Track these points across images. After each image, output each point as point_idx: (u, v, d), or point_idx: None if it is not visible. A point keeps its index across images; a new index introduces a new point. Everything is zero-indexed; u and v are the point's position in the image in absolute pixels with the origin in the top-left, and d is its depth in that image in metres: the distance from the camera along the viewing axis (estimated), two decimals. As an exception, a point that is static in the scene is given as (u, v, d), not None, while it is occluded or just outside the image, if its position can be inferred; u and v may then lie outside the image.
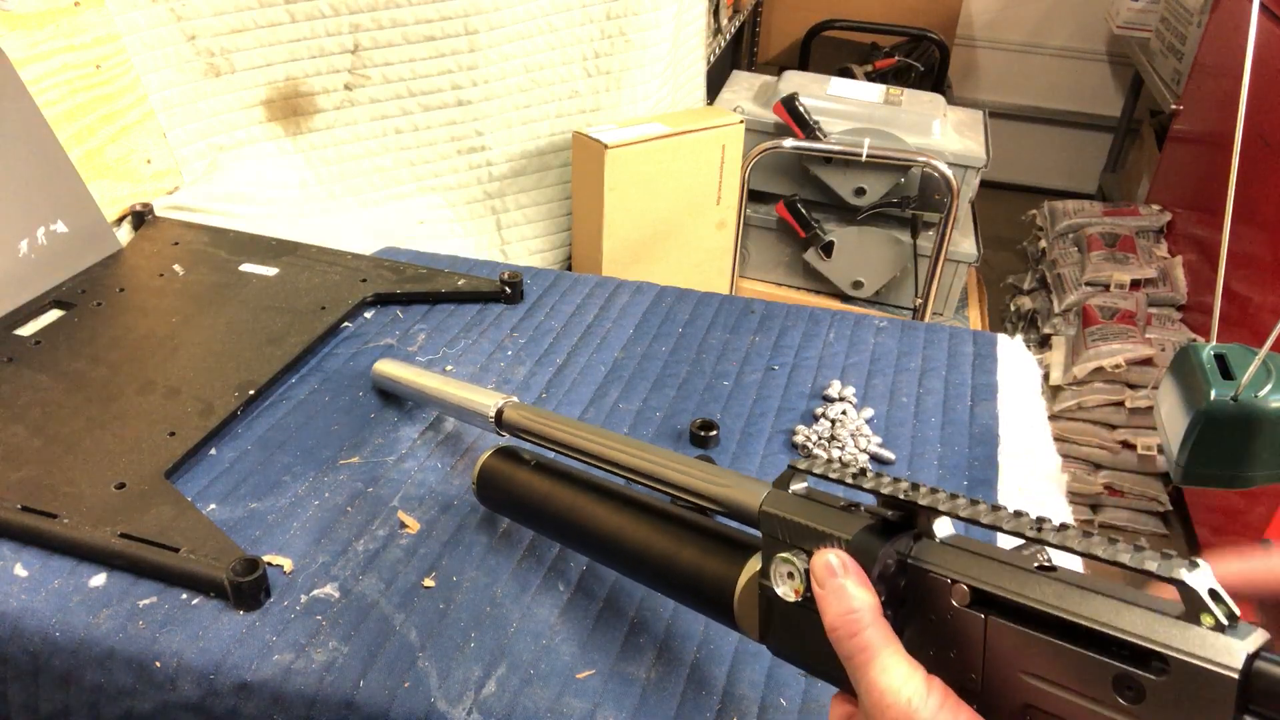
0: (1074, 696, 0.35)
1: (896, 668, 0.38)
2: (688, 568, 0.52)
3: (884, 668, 0.38)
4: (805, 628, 0.43)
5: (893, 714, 0.37)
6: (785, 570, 0.44)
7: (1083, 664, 0.34)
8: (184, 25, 1.12)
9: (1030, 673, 0.36)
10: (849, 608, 0.40)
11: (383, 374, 0.82)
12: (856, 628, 0.39)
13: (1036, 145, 3.27)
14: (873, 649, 0.38)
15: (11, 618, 0.60)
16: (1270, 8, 1.84)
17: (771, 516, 0.45)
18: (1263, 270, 1.74)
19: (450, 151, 1.42)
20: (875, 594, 0.40)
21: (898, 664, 0.38)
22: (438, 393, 0.75)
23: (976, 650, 0.38)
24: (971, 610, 0.38)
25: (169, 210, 1.10)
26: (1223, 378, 0.82)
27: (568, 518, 0.61)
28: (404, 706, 0.55)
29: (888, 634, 0.39)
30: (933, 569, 0.39)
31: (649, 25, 1.51)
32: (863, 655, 0.39)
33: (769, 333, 0.95)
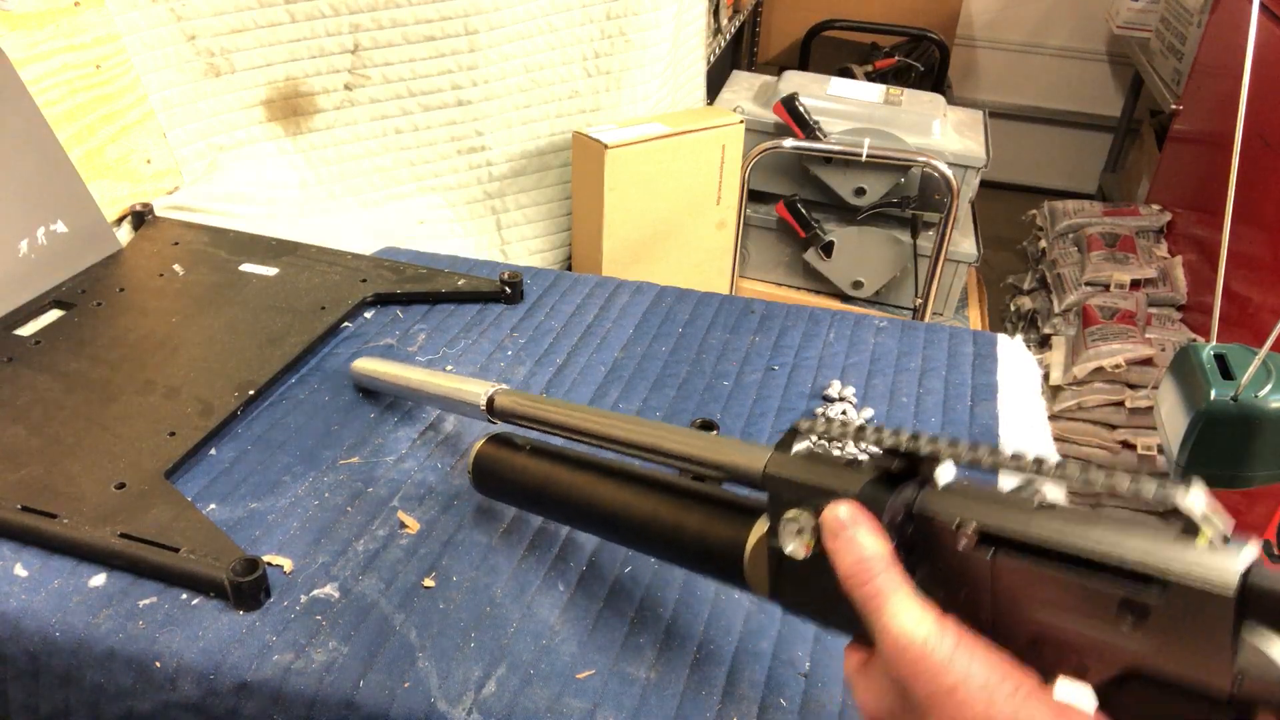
0: (1081, 624, 0.36)
1: (910, 611, 0.39)
2: (696, 535, 0.53)
3: (898, 611, 0.39)
4: (815, 582, 0.44)
5: (910, 655, 0.38)
6: (794, 528, 0.44)
7: (1088, 592, 0.36)
8: (184, 25, 1.12)
9: (1038, 605, 0.37)
10: (861, 556, 0.41)
11: (363, 371, 0.81)
12: (869, 575, 0.40)
13: (1036, 145, 3.27)
14: (886, 594, 0.39)
15: (11, 618, 0.60)
16: (1270, 8, 1.84)
17: (776, 477, 0.46)
18: (1263, 270, 1.74)
19: (450, 151, 1.42)
20: (887, 542, 0.41)
21: (911, 607, 0.39)
22: (424, 385, 0.75)
23: (985, 589, 0.39)
24: (978, 550, 0.39)
25: (169, 210, 1.10)
26: (1223, 378, 0.82)
27: (571, 497, 0.61)
28: (404, 706, 0.55)
29: (901, 579, 0.40)
30: (938, 514, 0.40)
31: (649, 25, 1.51)
32: (876, 600, 0.40)
33: (769, 333, 0.95)
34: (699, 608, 0.64)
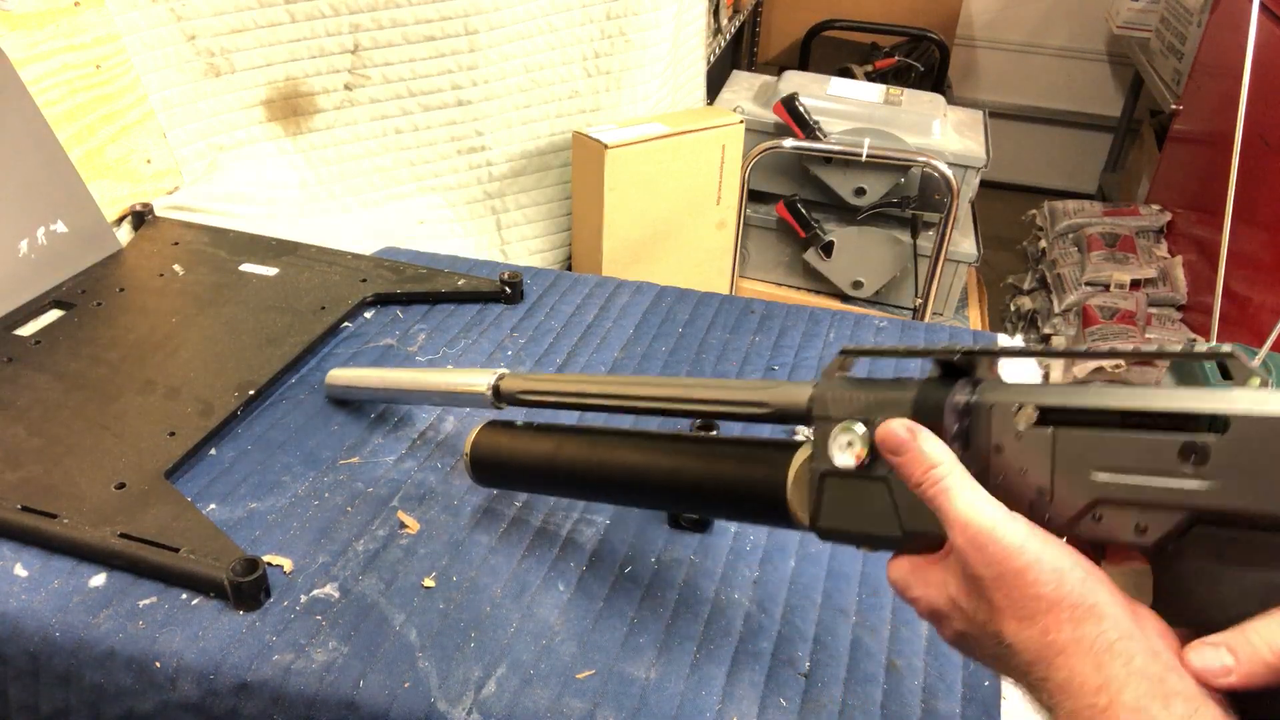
0: (1143, 478, 0.38)
1: (982, 501, 0.41)
2: (731, 478, 0.54)
3: (971, 501, 0.41)
4: (864, 496, 0.46)
5: (982, 540, 0.40)
6: (845, 440, 0.46)
7: (1149, 446, 0.38)
8: (184, 25, 1.12)
9: (1098, 471, 0.40)
10: (928, 464, 0.43)
11: (339, 383, 0.79)
12: (939, 477, 0.43)
13: (1036, 145, 3.26)
14: (957, 489, 0.42)
15: (11, 618, 0.60)
16: (1270, 8, 1.84)
17: (825, 399, 0.48)
18: (1263, 270, 1.74)
19: (450, 151, 1.42)
20: (948, 446, 0.43)
21: (983, 498, 0.42)
22: (415, 384, 0.74)
23: (1045, 464, 0.41)
24: (1038, 429, 0.41)
25: (169, 210, 1.10)
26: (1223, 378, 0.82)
27: (585, 467, 0.61)
28: (404, 706, 0.55)
29: (966, 475, 0.43)
30: (997, 401, 0.43)
31: (649, 25, 1.51)
32: (947, 495, 0.42)
33: (769, 333, 0.95)
34: (699, 608, 0.63)
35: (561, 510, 0.71)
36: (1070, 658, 0.38)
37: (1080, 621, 0.38)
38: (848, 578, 0.67)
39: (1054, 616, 0.38)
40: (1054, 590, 0.39)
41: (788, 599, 0.65)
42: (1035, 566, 0.39)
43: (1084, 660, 0.37)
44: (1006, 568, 0.40)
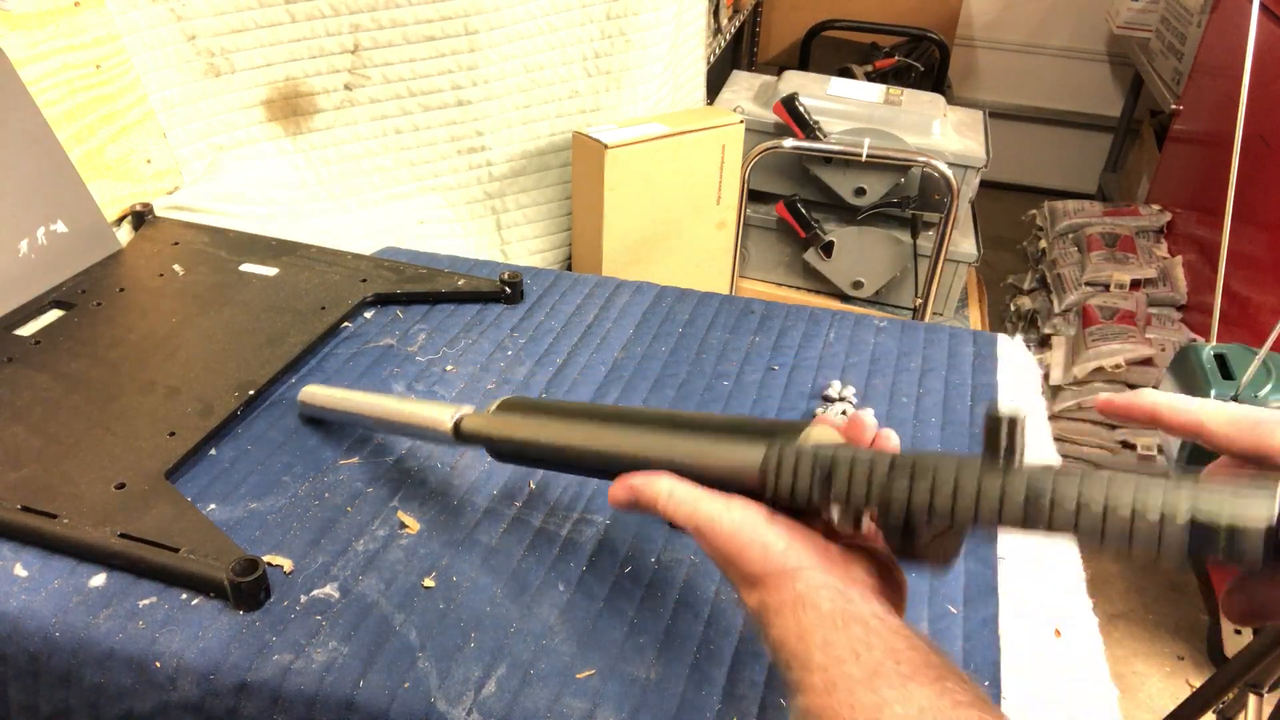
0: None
1: (702, 501, 0.50)
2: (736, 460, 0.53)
3: (691, 502, 0.50)
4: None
5: (705, 531, 0.49)
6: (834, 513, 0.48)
7: None
8: (184, 25, 1.12)
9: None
10: (654, 492, 0.51)
11: (312, 402, 0.78)
12: (665, 496, 0.51)
13: (1036, 145, 3.27)
14: (679, 496, 0.51)
15: (11, 618, 0.60)
16: (1270, 8, 1.84)
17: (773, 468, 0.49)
18: (1263, 270, 1.74)
19: (450, 151, 1.42)
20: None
21: (701, 497, 0.50)
22: (380, 411, 0.72)
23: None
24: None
25: (169, 210, 1.10)
26: (1223, 378, 0.82)
27: (596, 446, 0.59)
28: (404, 706, 0.55)
29: (684, 483, 0.51)
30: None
31: (649, 25, 1.51)
32: (674, 506, 0.51)
33: (769, 333, 0.95)
34: (699, 608, 0.64)
35: (562, 510, 0.71)
36: (778, 616, 0.45)
37: (782, 586, 0.45)
38: (848, 578, 0.67)
39: (765, 584, 0.46)
40: (761, 564, 0.46)
41: (788, 599, 0.64)
42: (748, 546, 0.47)
43: (786, 617, 0.44)
44: (727, 550, 0.48)
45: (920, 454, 0.45)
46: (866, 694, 0.40)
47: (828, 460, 0.47)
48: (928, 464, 0.44)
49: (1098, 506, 0.38)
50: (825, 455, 0.47)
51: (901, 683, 0.40)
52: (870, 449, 0.49)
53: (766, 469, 0.49)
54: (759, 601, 0.46)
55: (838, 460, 0.46)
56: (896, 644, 0.42)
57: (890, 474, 0.44)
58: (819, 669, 0.41)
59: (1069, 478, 0.40)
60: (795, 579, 0.45)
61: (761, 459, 0.49)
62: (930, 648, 0.42)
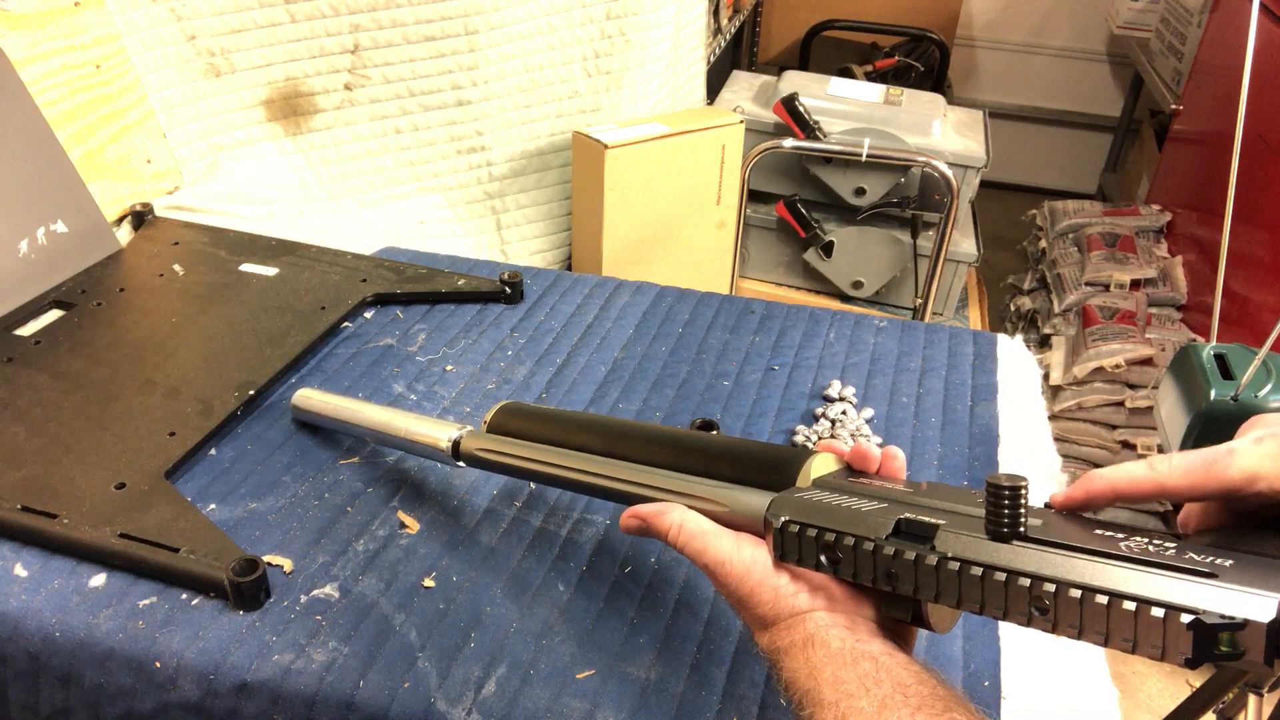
0: None
1: (712, 540, 0.50)
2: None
3: (703, 544, 0.50)
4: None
5: (717, 573, 0.50)
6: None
7: None
8: (184, 25, 1.12)
9: None
10: (667, 524, 0.52)
11: (306, 406, 0.77)
12: (677, 531, 0.52)
13: (1036, 145, 3.26)
14: (693, 535, 0.51)
15: (11, 618, 0.60)
16: (1270, 8, 1.84)
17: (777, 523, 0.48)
18: (1263, 270, 1.74)
19: (450, 151, 1.42)
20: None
21: (713, 537, 0.50)
22: (376, 423, 0.71)
23: None
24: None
25: (169, 210, 1.10)
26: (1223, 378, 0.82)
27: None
28: (404, 706, 0.55)
29: (700, 520, 0.52)
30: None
31: (649, 25, 1.51)
32: (688, 542, 0.51)
33: (769, 333, 0.95)
34: (699, 608, 0.63)
35: (561, 510, 0.71)
36: (789, 656, 0.46)
37: (793, 627, 0.46)
38: (848, 578, 0.67)
39: (777, 627, 0.47)
40: (772, 607, 0.47)
41: (788, 599, 0.64)
42: (758, 589, 0.48)
43: (796, 657, 0.45)
44: (739, 593, 0.48)
45: (923, 517, 0.44)
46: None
47: (830, 538, 0.46)
48: (932, 530, 0.43)
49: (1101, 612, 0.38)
50: (827, 532, 0.46)
51: (910, 714, 0.40)
52: (875, 485, 0.49)
53: (769, 532, 0.48)
54: (770, 643, 0.47)
55: (841, 539, 0.46)
56: (904, 678, 0.42)
57: (893, 559, 0.44)
58: (830, 705, 0.42)
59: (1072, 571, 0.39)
60: (805, 620, 0.46)
61: (764, 513, 0.49)
62: (938, 681, 0.43)
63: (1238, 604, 0.35)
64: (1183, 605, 0.35)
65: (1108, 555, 0.39)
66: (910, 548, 0.43)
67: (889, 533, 0.44)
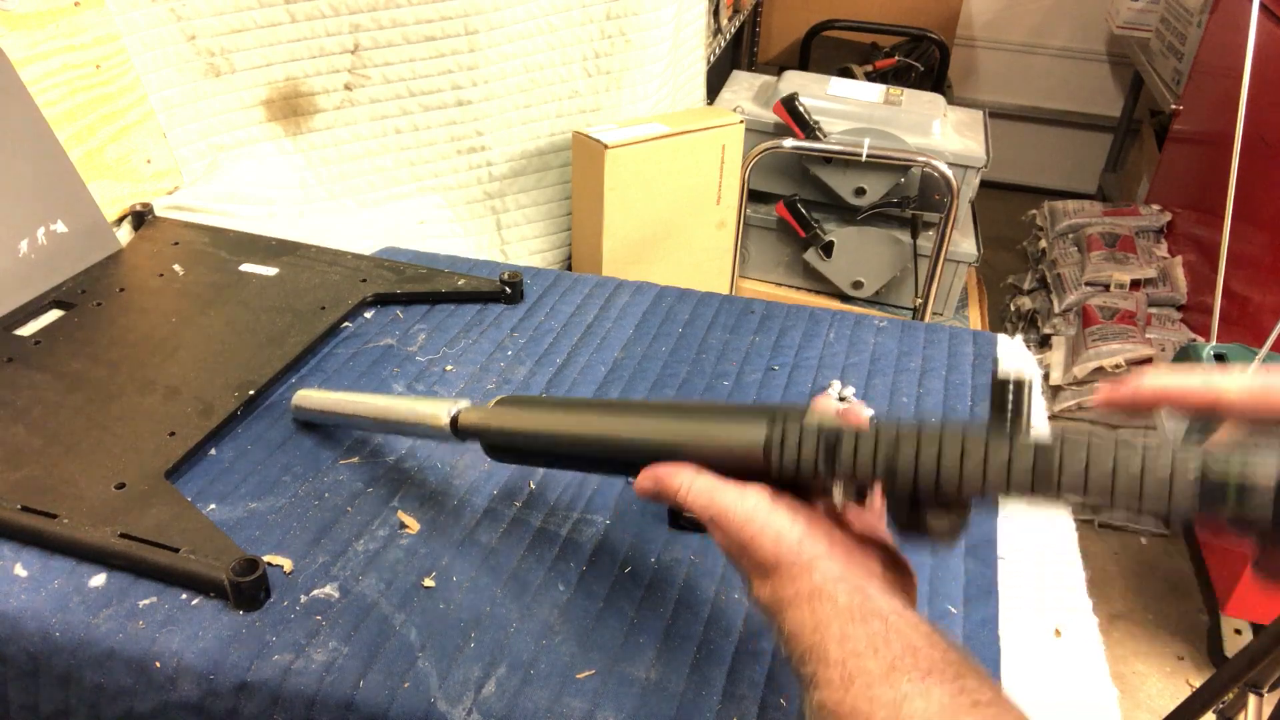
0: None
1: (716, 489, 0.50)
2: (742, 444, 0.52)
3: (704, 491, 0.50)
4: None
5: (719, 520, 0.49)
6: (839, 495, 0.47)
7: None
8: (184, 25, 1.12)
9: None
10: (674, 484, 0.52)
11: (305, 405, 0.76)
12: (685, 486, 0.51)
13: (1036, 145, 3.26)
14: (696, 485, 0.51)
15: (11, 618, 0.60)
16: (1270, 8, 1.84)
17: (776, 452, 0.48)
18: (1263, 270, 1.74)
19: (450, 151, 1.42)
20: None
21: (715, 486, 0.50)
22: (375, 410, 0.71)
23: None
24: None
25: (169, 210, 1.10)
26: (1222, 375, 0.82)
27: (596, 438, 0.58)
28: (404, 706, 0.55)
29: (703, 473, 0.51)
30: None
31: (649, 25, 1.51)
32: (689, 495, 0.51)
33: (769, 333, 0.95)
34: (699, 608, 0.64)
35: (561, 510, 0.71)
36: (792, 608, 0.44)
37: (797, 577, 0.44)
38: (848, 578, 0.67)
39: (779, 575, 0.45)
40: (774, 552, 0.45)
41: (788, 599, 0.64)
42: (760, 535, 0.46)
43: (801, 609, 0.43)
44: (740, 539, 0.47)
45: (924, 423, 0.44)
46: (886, 689, 0.39)
47: (833, 433, 0.46)
48: (933, 432, 0.43)
49: (1106, 466, 0.37)
50: (830, 428, 0.46)
51: (921, 678, 0.39)
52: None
53: (770, 445, 0.48)
54: (771, 593, 0.45)
55: (843, 433, 0.46)
56: (915, 639, 0.41)
57: (896, 443, 0.44)
58: (836, 663, 0.41)
59: (1077, 441, 0.39)
60: (811, 570, 0.44)
61: (764, 437, 0.49)
62: (948, 644, 0.42)
63: (1249, 461, 0.35)
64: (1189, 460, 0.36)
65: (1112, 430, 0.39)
66: (912, 437, 0.43)
67: (893, 436, 0.44)
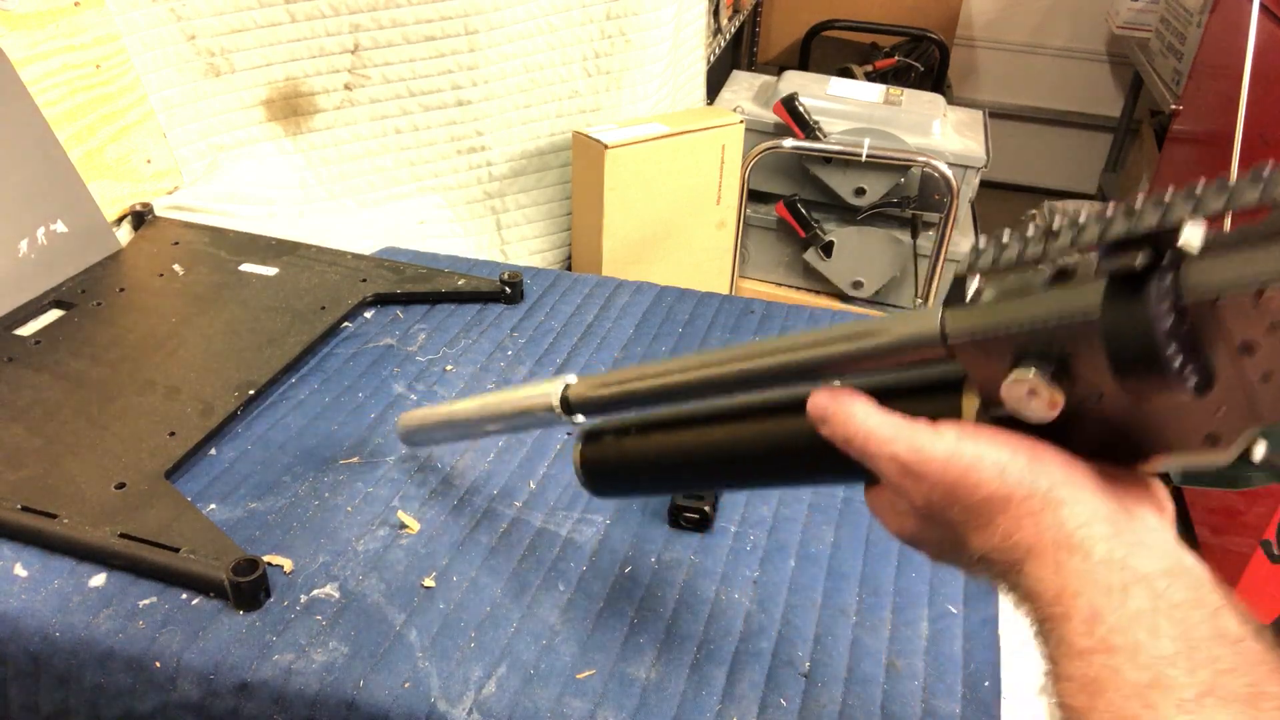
0: None
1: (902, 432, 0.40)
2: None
3: (891, 436, 0.40)
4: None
5: (914, 468, 0.39)
6: (1024, 390, 0.36)
7: None
8: (184, 25, 1.12)
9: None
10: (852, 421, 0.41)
11: (409, 426, 0.72)
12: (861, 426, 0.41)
13: (1036, 145, 3.26)
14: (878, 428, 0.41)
15: (11, 618, 0.60)
16: (1270, 8, 1.84)
17: (969, 337, 0.38)
18: (1263, 270, 1.74)
19: (450, 151, 1.42)
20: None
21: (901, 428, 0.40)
22: (481, 410, 0.65)
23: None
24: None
25: (169, 210, 1.10)
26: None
27: (712, 454, 0.52)
28: (404, 706, 0.55)
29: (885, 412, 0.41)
30: (1225, 292, 0.32)
31: (649, 25, 1.51)
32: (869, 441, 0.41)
33: (769, 332, 0.95)
34: (699, 608, 0.63)
35: (562, 510, 0.71)
36: (1033, 558, 0.34)
37: (1038, 513, 0.35)
38: (848, 578, 0.67)
39: (1009, 515, 0.35)
40: (999, 486, 0.36)
41: (788, 599, 0.65)
42: (975, 468, 0.36)
43: (1044, 564, 0.34)
44: (947, 481, 0.37)
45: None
46: (1142, 710, 0.29)
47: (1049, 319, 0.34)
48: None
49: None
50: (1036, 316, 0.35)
51: (1196, 700, 0.29)
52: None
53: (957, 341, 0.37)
54: (1002, 539, 0.36)
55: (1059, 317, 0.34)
56: (1193, 623, 0.31)
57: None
58: (1080, 655, 0.31)
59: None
60: (1054, 505, 0.35)
61: (939, 316, 0.39)
62: (1244, 622, 0.31)
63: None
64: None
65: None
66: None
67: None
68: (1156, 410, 0.35)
